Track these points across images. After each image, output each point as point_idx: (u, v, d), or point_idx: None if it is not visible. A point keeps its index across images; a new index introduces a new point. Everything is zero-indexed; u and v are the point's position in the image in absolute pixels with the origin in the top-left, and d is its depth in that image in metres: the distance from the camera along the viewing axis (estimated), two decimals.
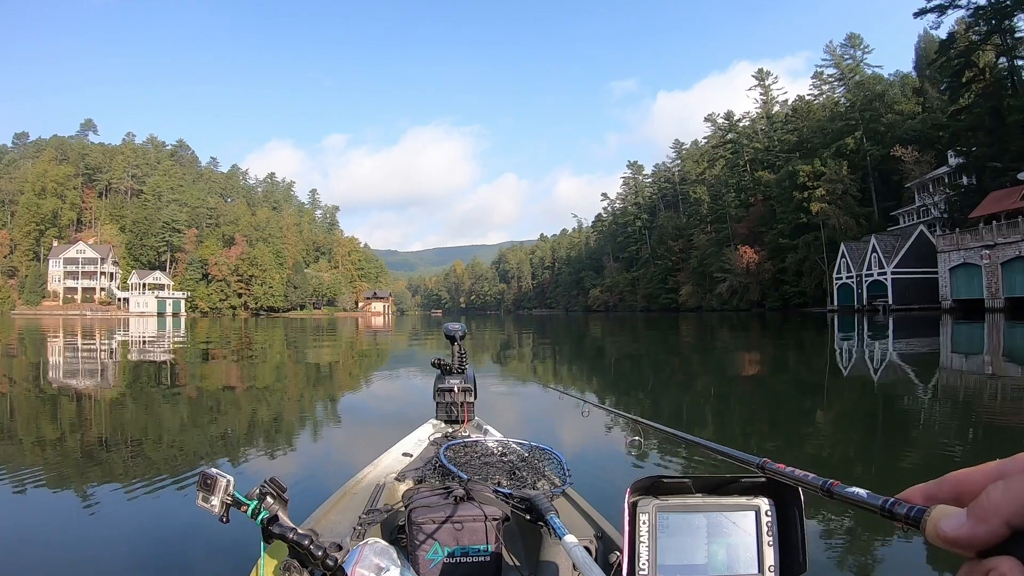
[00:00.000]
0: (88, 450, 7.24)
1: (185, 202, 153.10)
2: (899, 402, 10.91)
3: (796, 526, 1.26)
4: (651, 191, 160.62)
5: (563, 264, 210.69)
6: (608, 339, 33.48)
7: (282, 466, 6.45)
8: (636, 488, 1.26)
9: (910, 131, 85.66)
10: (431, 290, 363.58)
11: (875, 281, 71.84)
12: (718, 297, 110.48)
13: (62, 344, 28.59)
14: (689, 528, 1.24)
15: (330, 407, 11.11)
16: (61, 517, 4.84)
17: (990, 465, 0.63)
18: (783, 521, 1.28)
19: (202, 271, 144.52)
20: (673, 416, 9.84)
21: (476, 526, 2.30)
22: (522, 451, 3.49)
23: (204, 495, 1.72)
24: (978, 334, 28.69)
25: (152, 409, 10.35)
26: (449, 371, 4.51)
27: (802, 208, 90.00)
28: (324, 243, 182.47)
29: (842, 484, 0.91)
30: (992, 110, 63.79)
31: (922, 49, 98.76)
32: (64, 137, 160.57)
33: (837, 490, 0.90)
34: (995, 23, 65.20)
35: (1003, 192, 57.92)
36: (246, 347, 27.07)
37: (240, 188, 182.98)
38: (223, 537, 3.88)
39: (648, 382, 14.66)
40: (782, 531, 1.27)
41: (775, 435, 8.29)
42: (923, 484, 0.71)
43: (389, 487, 3.15)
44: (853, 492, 0.85)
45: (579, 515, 2.80)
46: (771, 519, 1.28)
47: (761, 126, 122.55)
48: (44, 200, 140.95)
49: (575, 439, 8.00)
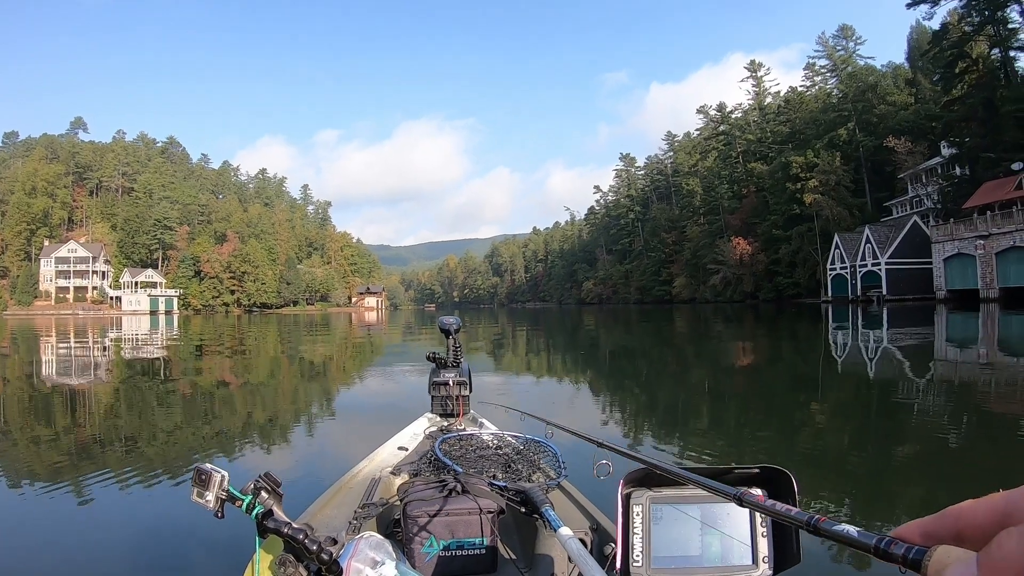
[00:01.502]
0: (82, 447, 7.24)
1: (176, 199, 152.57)
2: (894, 392, 10.95)
3: None
4: (644, 183, 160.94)
5: (556, 257, 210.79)
6: (602, 331, 33.52)
7: (277, 461, 6.45)
8: (630, 480, 1.25)
9: (903, 122, 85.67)
10: (424, 285, 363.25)
11: (869, 272, 71.85)
12: (712, 289, 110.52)
13: (55, 344, 28.52)
14: (683, 519, 1.25)
15: (325, 402, 11.12)
16: (56, 513, 4.83)
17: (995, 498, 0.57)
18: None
19: (194, 268, 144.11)
20: (667, 414, 9.86)
21: (471, 519, 2.30)
22: (517, 444, 3.48)
23: (199, 490, 1.72)
24: (973, 324, 28.81)
25: (146, 406, 10.34)
26: (444, 364, 4.50)
27: (795, 199, 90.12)
28: (316, 239, 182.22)
29: (830, 520, 0.86)
30: (985, 101, 63.79)
31: (914, 40, 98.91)
32: (54, 136, 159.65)
33: (824, 526, 0.86)
34: (988, 14, 65.23)
35: (997, 182, 58.06)
36: (240, 344, 27.03)
37: (231, 185, 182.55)
38: (218, 532, 3.88)
39: (641, 374, 14.66)
40: (776, 522, 1.27)
41: (768, 428, 8.30)
42: (920, 520, 0.66)
43: (384, 481, 3.14)
44: (842, 530, 0.81)
45: (574, 507, 2.80)
46: None
47: (754, 118, 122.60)
48: (35, 199, 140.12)
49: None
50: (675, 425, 8.65)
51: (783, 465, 1.23)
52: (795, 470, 1.20)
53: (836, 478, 5.78)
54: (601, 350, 21.93)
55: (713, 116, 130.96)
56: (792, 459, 6.33)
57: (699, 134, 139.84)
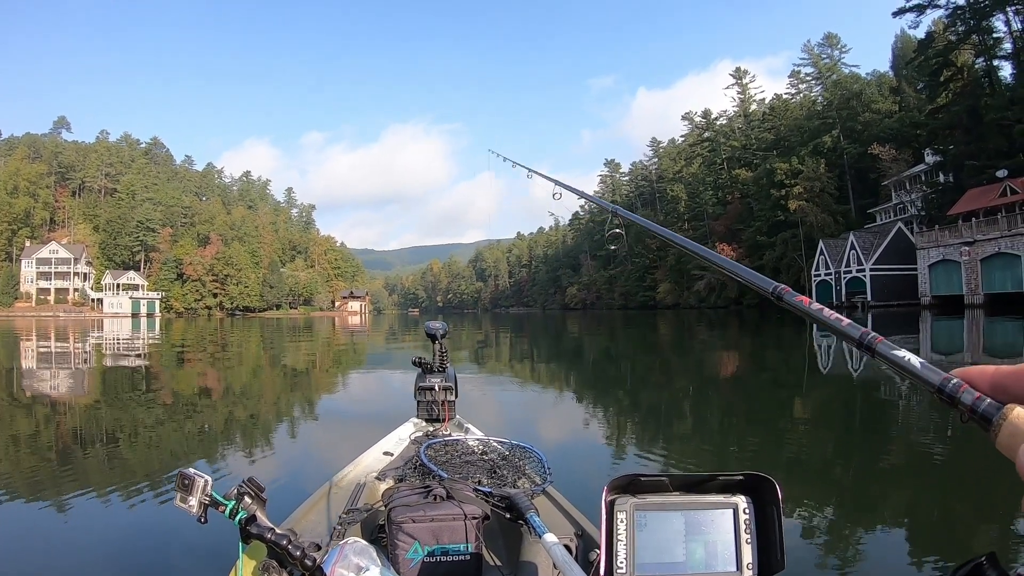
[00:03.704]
0: (63, 453, 7.16)
1: (159, 201, 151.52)
2: (878, 398, 11.01)
3: (774, 523, 1.25)
4: (628, 189, 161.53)
5: (540, 262, 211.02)
6: (586, 337, 33.57)
7: (261, 466, 6.41)
8: (614, 487, 1.26)
9: (887, 129, 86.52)
10: (408, 289, 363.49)
11: (854, 278, 72.32)
12: (696, 294, 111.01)
13: (35, 346, 28.30)
14: (667, 526, 1.23)
15: (309, 406, 11.08)
16: (35, 520, 4.78)
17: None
18: (761, 519, 1.27)
19: (177, 271, 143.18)
20: (651, 420, 9.89)
21: (456, 525, 2.30)
22: (503, 450, 3.48)
23: (182, 495, 1.72)
24: (958, 330, 29.06)
25: (127, 411, 10.25)
26: (430, 369, 4.49)
27: (779, 206, 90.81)
28: (300, 242, 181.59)
29: (887, 343, 0.81)
30: (970, 109, 64.42)
31: (899, 49, 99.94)
32: (37, 135, 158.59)
33: (881, 348, 0.81)
34: (973, 23, 66.12)
35: (981, 189, 58.64)
36: (222, 348, 26.90)
37: (215, 187, 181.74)
38: (201, 538, 3.84)
39: (626, 381, 14.69)
40: (760, 529, 1.26)
41: (752, 435, 8.33)
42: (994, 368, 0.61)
43: (369, 486, 3.13)
44: (902, 357, 0.76)
45: (559, 513, 2.80)
46: (749, 517, 1.27)
47: (739, 124, 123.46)
48: (16, 199, 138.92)
49: (556, 437, 8.02)
50: (659, 431, 8.67)
51: (767, 471, 1.25)
52: (779, 476, 1.21)
53: (820, 484, 5.81)
54: (585, 356, 21.97)
55: (698, 123, 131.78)
56: (776, 465, 6.36)
57: (684, 140, 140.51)
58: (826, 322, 0.95)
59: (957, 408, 0.63)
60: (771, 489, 1.24)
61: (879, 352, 0.81)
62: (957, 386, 0.63)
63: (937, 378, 0.67)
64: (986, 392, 0.59)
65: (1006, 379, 0.58)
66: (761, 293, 1.20)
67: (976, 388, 0.61)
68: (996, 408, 0.57)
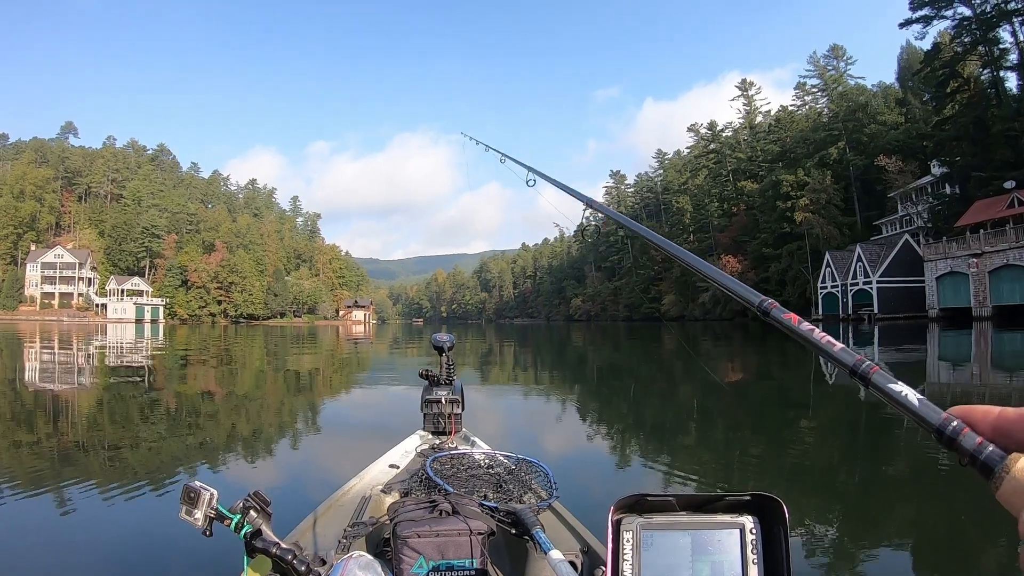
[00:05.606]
0: (67, 461, 7.14)
1: (165, 207, 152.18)
2: (884, 411, 10.95)
3: (780, 544, 1.23)
4: (633, 200, 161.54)
5: (544, 273, 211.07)
6: (591, 349, 33.53)
7: (266, 479, 6.39)
8: (620, 506, 1.25)
9: (893, 141, 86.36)
10: (412, 299, 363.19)
11: (860, 290, 72.15)
12: (701, 306, 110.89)
13: (39, 351, 28.31)
14: (673, 546, 1.22)
15: (314, 417, 11.05)
16: (40, 530, 4.77)
17: None
18: (767, 539, 1.25)
19: (181, 278, 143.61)
20: (657, 434, 9.85)
21: (461, 540, 2.28)
22: (509, 464, 3.47)
23: (187, 508, 1.71)
24: (966, 342, 28.94)
25: (132, 420, 10.23)
26: (437, 382, 4.48)
27: (785, 217, 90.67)
28: (305, 251, 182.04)
29: (884, 373, 0.77)
30: (977, 120, 64.35)
31: (905, 60, 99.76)
32: (44, 139, 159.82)
33: (876, 379, 0.76)
34: (980, 34, 66.09)
35: (989, 201, 58.63)
36: (226, 356, 26.89)
37: (221, 194, 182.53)
38: (206, 551, 3.82)
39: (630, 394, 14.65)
40: (766, 549, 1.24)
41: (757, 448, 8.29)
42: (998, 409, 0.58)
43: (375, 499, 3.12)
44: (899, 392, 0.73)
45: (565, 529, 2.78)
46: (756, 537, 1.24)
47: (744, 136, 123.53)
48: (22, 203, 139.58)
49: (562, 452, 7.99)
50: (664, 444, 8.64)
51: (772, 486, 1.24)
52: (785, 491, 1.21)
53: (826, 498, 5.77)
54: (590, 368, 21.93)
55: (704, 134, 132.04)
56: (781, 480, 6.32)
57: (689, 152, 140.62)
58: (816, 344, 0.90)
59: (956, 452, 0.61)
60: (778, 509, 1.22)
61: (874, 383, 0.77)
62: (958, 429, 0.61)
63: (937, 418, 0.65)
64: (988, 436, 0.57)
65: (1012, 424, 0.55)
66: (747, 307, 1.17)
67: (978, 431, 0.58)
68: (1000, 457, 0.54)
